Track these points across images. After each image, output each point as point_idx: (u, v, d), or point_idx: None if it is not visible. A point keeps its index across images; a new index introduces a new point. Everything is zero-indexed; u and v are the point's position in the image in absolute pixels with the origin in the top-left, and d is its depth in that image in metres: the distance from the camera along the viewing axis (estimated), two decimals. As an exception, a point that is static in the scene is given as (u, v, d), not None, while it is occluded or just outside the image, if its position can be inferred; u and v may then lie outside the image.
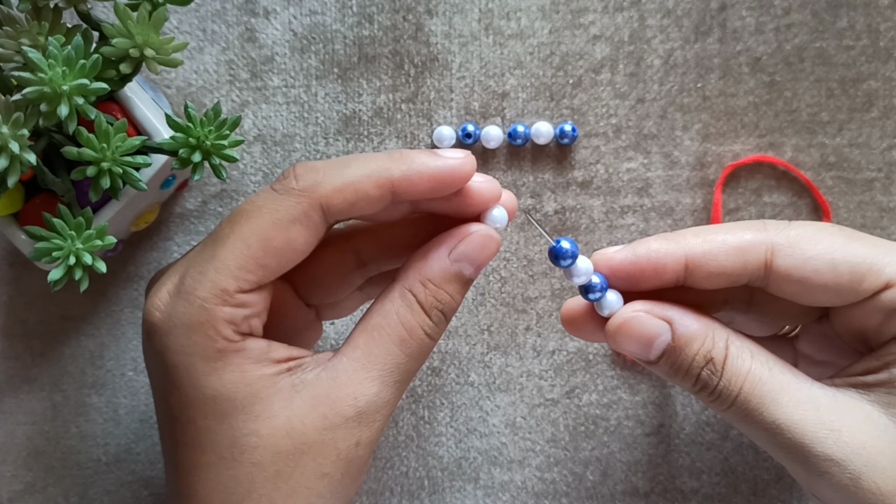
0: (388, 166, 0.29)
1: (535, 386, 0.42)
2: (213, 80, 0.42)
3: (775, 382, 0.28)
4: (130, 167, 0.31)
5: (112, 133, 0.30)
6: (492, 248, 0.30)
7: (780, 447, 0.28)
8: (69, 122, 0.28)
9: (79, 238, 0.30)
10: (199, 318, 0.28)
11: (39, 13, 0.30)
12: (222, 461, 0.28)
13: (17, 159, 0.28)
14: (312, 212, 0.28)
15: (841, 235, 0.29)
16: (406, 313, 0.29)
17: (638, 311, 0.29)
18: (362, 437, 0.29)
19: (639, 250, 0.30)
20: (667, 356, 0.29)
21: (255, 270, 0.28)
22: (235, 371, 0.28)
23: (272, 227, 0.28)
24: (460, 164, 0.29)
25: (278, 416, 0.28)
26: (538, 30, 0.42)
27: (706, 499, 0.41)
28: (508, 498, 0.42)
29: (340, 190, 0.28)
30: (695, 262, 0.29)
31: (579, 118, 0.42)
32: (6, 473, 0.42)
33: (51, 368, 0.42)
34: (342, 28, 0.42)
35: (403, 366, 0.29)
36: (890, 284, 0.28)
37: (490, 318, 0.42)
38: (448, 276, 0.29)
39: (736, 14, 0.41)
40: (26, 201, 0.36)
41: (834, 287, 0.28)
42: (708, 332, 0.29)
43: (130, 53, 0.30)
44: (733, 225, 0.30)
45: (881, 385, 0.28)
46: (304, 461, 0.28)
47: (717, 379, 0.28)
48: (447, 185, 0.29)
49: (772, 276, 0.29)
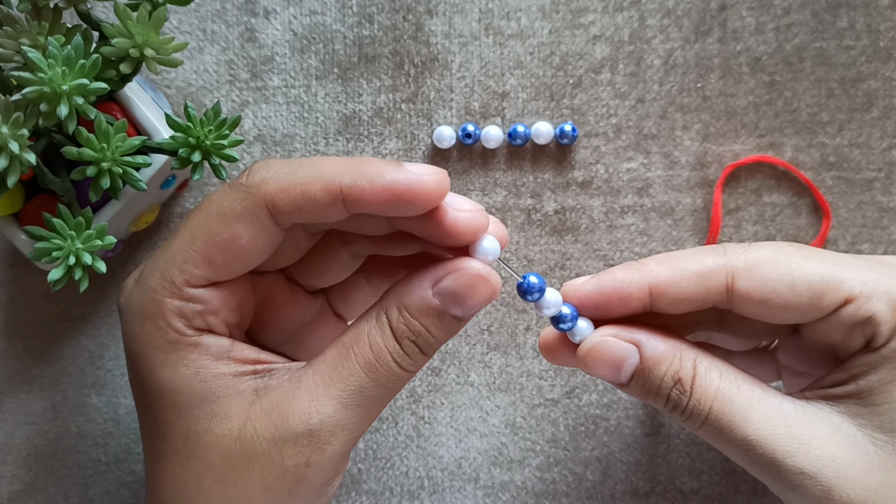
0: (340, 171, 0.27)
1: (535, 386, 0.42)
2: (213, 80, 0.42)
3: (744, 399, 0.28)
4: (130, 167, 0.31)
5: (112, 133, 0.30)
6: (483, 290, 0.28)
7: (753, 462, 0.28)
8: (69, 122, 0.28)
9: (79, 238, 0.30)
10: (149, 307, 0.28)
11: (39, 13, 0.30)
12: (177, 454, 0.28)
13: (16, 159, 0.28)
14: (257, 209, 0.28)
15: (798, 255, 0.29)
16: (377, 336, 0.28)
17: (606, 336, 0.30)
18: (312, 458, 0.28)
19: (604, 280, 0.30)
20: (636, 378, 0.30)
21: (199, 265, 0.28)
22: (190, 366, 0.28)
23: (217, 222, 0.28)
24: (419, 181, 0.27)
25: (234, 419, 0.28)
26: (538, 30, 0.42)
27: (706, 499, 0.41)
28: (508, 498, 0.42)
29: (286, 190, 0.27)
30: (658, 289, 0.29)
31: (579, 118, 0.42)
32: (6, 473, 0.42)
33: (51, 368, 0.42)
34: (342, 28, 0.42)
35: (367, 391, 0.28)
36: (849, 300, 0.28)
37: (490, 318, 0.42)
38: (426, 308, 0.28)
39: (736, 14, 0.41)
40: (26, 201, 0.36)
41: (795, 306, 0.29)
42: (675, 353, 0.29)
43: (130, 53, 0.30)
44: (694, 251, 0.30)
45: (849, 396, 0.29)
46: (250, 471, 0.28)
47: (687, 398, 0.29)
48: (406, 202, 0.27)
49: (734, 299, 0.29)
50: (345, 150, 0.42)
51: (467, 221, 0.28)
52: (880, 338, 0.28)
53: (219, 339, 0.29)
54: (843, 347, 0.29)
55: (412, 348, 0.28)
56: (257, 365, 0.29)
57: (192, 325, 0.28)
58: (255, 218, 0.28)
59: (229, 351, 0.29)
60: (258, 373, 0.29)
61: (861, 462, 0.28)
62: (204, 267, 0.28)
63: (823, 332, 0.30)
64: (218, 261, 0.28)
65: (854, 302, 0.28)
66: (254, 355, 0.29)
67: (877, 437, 0.28)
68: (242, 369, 0.29)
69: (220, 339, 0.29)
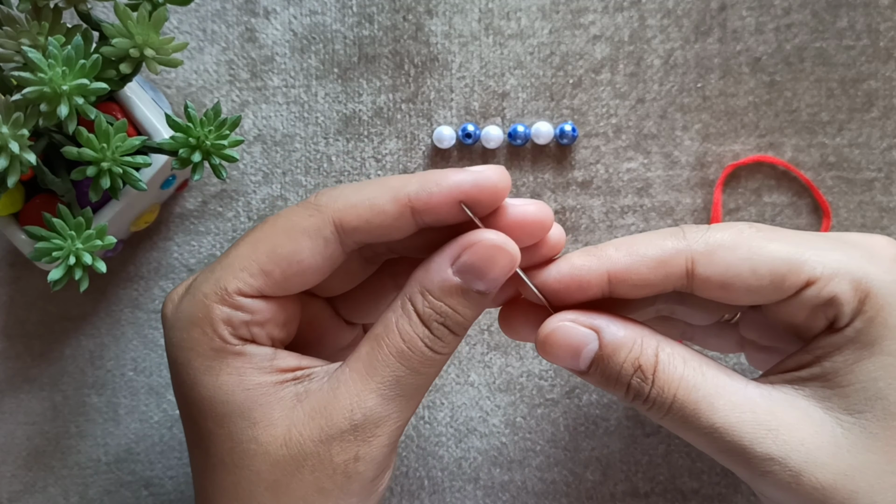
0: (406, 183, 0.28)
1: (535, 386, 0.42)
2: (213, 80, 0.42)
3: (710, 387, 0.28)
4: (130, 167, 0.31)
5: (112, 133, 0.30)
6: (503, 260, 0.27)
7: (721, 451, 0.28)
8: (69, 121, 0.28)
9: (79, 238, 0.30)
10: (198, 313, 0.28)
11: (39, 13, 0.30)
12: (223, 466, 0.28)
13: (16, 159, 0.28)
14: (324, 226, 0.28)
15: (759, 237, 0.29)
16: (405, 324, 0.28)
17: (564, 322, 0.29)
18: (360, 451, 0.28)
19: (562, 268, 0.30)
20: (595, 365, 0.29)
21: (256, 275, 0.28)
22: (233, 374, 0.28)
23: (282, 235, 0.28)
24: (484, 177, 0.27)
25: (278, 425, 0.28)
26: (538, 30, 0.42)
27: (706, 499, 0.41)
28: (508, 498, 0.42)
29: (355, 206, 0.28)
30: (617, 276, 0.29)
31: (579, 118, 0.42)
32: (6, 473, 0.42)
33: (51, 368, 0.42)
34: (342, 28, 0.42)
35: (405, 379, 0.28)
36: (811, 281, 0.28)
37: (490, 318, 0.42)
38: (448, 288, 0.28)
39: (736, 14, 0.41)
40: (26, 201, 0.36)
41: (756, 289, 0.28)
42: (636, 339, 0.29)
43: (130, 53, 0.30)
44: (653, 234, 0.30)
45: (815, 379, 0.28)
46: (301, 473, 0.27)
47: (649, 386, 0.28)
48: (475, 201, 0.27)
49: (695, 284, 0.29)
50: (345, 150, 0.42)
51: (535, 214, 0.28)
52: (843, 318, 0.28)
53: (262, 349, 0.29)
54: (807, 328, 0.29)
55: (442, 330, 0.28)
56: (297, 371, 0.29)
57: (237, 335, 0.28)
58: (320, 235, 0.28)
59: (272, 359, 0.29)
60: (298, 379, 0.29)
61: (829, 445, 0.27)
62: (260, 278, 0.28)
63: (786, 313, 0.29)
64: (275, 274, 0.28)
65: (816, 283, 0.28)
66: (295, 363, 0.29)
67: (843, 420, 0.28)
68: (283, 377, 0.28)
69: (263, 348, 0.29)
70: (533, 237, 0.28)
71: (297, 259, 0.28)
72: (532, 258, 0.29)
